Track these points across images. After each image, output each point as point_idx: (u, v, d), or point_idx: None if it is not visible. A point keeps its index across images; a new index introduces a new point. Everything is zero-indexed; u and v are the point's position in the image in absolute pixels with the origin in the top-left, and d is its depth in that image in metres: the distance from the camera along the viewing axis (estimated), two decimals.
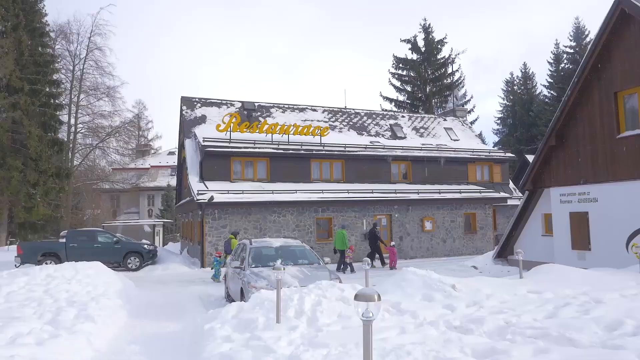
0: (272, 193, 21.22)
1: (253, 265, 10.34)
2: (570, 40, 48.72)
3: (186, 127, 24.74)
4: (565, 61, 49.21)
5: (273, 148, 23.02)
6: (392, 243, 19.99)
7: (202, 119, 25.09)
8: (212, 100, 26.65)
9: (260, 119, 25.76)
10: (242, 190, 20.86)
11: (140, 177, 46.34)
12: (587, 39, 46.85)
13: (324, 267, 10.58)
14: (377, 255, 19.41)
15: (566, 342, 5.43)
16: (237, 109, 26.19)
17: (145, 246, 20.67)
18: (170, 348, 7.26)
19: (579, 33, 48.16)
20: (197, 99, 26.46)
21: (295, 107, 28.15)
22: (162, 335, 8.06)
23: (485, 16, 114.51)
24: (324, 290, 7.92)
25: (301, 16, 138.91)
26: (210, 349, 6.13)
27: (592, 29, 47.84)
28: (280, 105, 27.85)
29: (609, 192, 13.22)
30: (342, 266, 17.80)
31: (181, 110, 25.82)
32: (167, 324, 8.93)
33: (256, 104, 27.12)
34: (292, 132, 23.57)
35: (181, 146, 27.07)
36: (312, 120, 26.91)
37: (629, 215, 12.62)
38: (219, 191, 20.42)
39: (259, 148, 22.76)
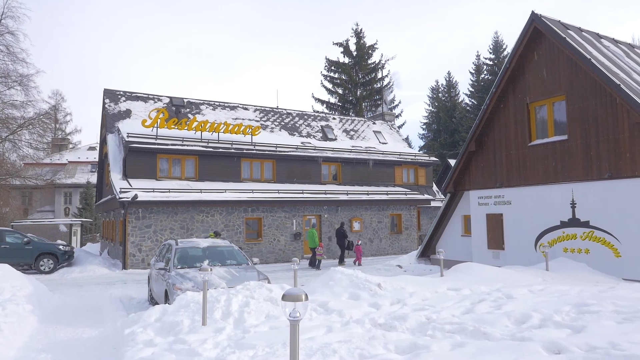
0: (201, 192, 20.70)
1: (179, 267, 10.02)
2: (490, 53, 52.07)
3: (109, 122, 23.47)
4: (485, 72, 52.51)
5: (202, 146, 22.47)
6: (359, 242, 21.05)
7: (127, 114, 23.93)
8: (138, 95, 25.50)
9: (190, 115, 25.03)
10: (169, 189, 20.16)
11: (56, 173, 43.19)
12: (505, 53, 50.35)
13: (253, 268, 10.47)
14: (351, 253, 21.00)
15: (481, 335, 5.79)
16: (165, 105, 25.27)
17: (61, 247, 19.44)
18: (86, 355, 6.85)
19: (497, 47, 51.61)
20: (121, 92, 25.19)
21: (226, 105, 27.65)
22: (78, 342, 7.59)
23: (413, 26, 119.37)
24: (252, 291, 7.86)
25: (234, 14, 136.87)
26: (130, 355, 5.87)
27: (510, 43, 51.48)
28: (210, 103, 27.22)
29: (521, 195, 14.27)
30: (315, 263, 19.00)
31: (104, 103, 24.45)
32: (84, 330, 8.42)
33: (185, 100, 26.33)
34: (222, 131, 23.18)
35: (103, 141, 25.63)
36: (243, 119, 26.61)
37: (538, 217, 13.71)
38: (143, 189, 19.59)
39: (187, 145, 22.12)
